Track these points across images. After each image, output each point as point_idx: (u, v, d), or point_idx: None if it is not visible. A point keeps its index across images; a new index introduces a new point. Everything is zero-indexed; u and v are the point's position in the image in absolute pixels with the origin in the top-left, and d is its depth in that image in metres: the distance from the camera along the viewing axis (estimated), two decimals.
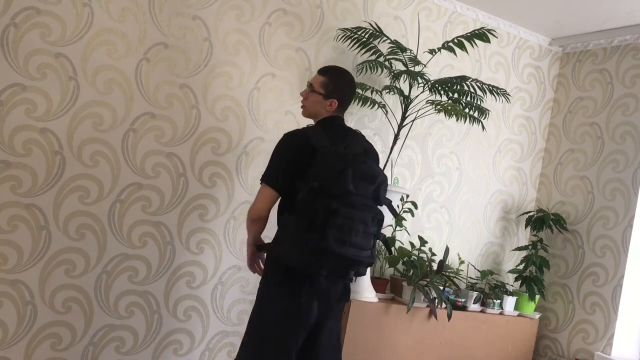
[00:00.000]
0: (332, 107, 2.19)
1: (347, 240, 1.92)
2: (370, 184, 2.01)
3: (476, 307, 3.21)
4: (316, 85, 2.19)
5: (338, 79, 2.21)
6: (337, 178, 1.93)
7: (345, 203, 1.93)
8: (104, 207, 2.57)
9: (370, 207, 2.02)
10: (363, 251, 1.99)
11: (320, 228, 1.89)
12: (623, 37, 3.45)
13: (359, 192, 1.96)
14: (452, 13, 3.45)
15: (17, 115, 2.38)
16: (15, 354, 2.43)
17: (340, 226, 1.91)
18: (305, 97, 2.24)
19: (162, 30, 2.65)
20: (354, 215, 1.94)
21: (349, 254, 1.93)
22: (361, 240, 1.97)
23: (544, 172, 3.85)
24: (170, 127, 2.69)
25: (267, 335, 2.04)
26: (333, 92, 2.18)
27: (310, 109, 2.23)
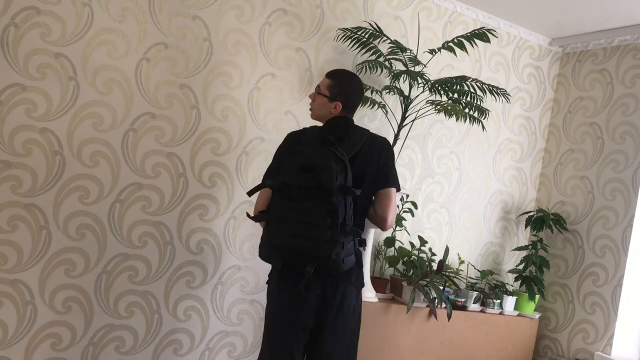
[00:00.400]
0: (337, 110, 2.21)
1: (289, 232, 1.96)
2: (307, 174, 1.96)
3: (476, 307, 3.22)
4: (322, 88, 2.24)
5: (343, 82, 2.24)
6: (281, 172, 2.02)
7: (285, 195, 1.99)
8: (104, 207, 2.57)
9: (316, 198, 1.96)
10: (316, 243, 1.95)
11: (269, 223, 2.02)
12: (623, 37, 3.45)
13: (300, 184, 1.96)
14: (452, 13, 3.45)
15: (17, 115, 2.38)
16: (15, 354, 2.43)
17: (281, 218, 1.98)
18: (313, 100, 2.29)
19: (162, 30, 2.65)
20: (293, 206, 1.97)
21: (294, 246, 1.96)
22: (309, 231, 1.94)
23: (544, 172, 3.85)
24: (170, 127, 2.69)
25: (266, 333, 2.17)
26: (338, 94, 2.21)
27: (317, 111, 2.28)
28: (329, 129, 2.19)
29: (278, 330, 2.12)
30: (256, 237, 2.91)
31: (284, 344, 2.10)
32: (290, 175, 1.98)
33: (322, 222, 1.95)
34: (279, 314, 2.12)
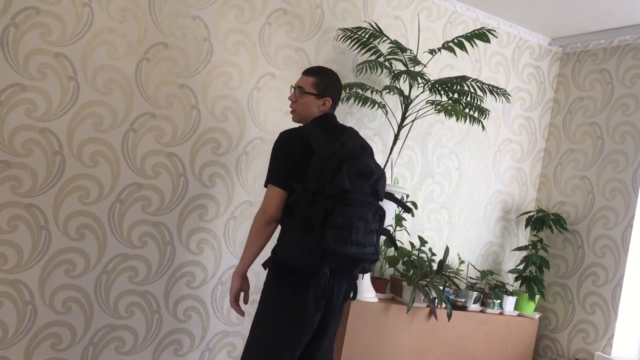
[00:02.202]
0: (326, 106, 2.19)
1: (348, 239, 1.91)
2: (367, 180, 1.99)
3: (476, 307, 3.21)
4: (307, 87, 2.18)
5: (327, 77, 2.22)
6: (333, 177, 1.92)
7: (342, 202, 1.92)
8: (104, 207, 2.57)
9: (370, 204, 2.01)
10: (366, 248, 1.98)
11: (319, 228, 1.89)
12: (623, 37, 3.45)
13: (356, 190, 1.95)
14: (452, 13, 3.45)
15: (17, 115, 2.38)
16: (15, 354, 2.43)
17: (339, 225, 1.90)
18: (295, 101, 2.22)
19: (162, 30, 2.65)
20: (353, 213, 1.93)
21: (351, 253, 1.92)
22: (363, 237, 1.96)
23: (544, 172, 3.85)
24: (170, 127, 2.69)
25: (273, 338, 2.04)
26: (325, 90, 2.18)
27: (303, 112, 2.21)
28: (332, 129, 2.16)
29: (288, 335, 2.05)
30: None
31: (291, 347, 2.05)
32: (350, 181, 1.93)
33: (374, 227, 2.00)
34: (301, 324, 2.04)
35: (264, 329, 2.06)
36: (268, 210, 2.03)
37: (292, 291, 2.02)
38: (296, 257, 1.96)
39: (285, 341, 2.03)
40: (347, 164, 1.94)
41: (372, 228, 2.00)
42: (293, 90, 2.24)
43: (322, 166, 1.94)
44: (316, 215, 1.90)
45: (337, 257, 1.92)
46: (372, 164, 2.03)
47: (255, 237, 2.06)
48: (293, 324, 2.03)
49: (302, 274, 1.98)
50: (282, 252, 2.02)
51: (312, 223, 1.91)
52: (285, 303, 2.03)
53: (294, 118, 2.27)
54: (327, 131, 2.11)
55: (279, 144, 2.09)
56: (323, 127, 2.13)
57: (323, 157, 1.97)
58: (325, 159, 1.96)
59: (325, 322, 2.12)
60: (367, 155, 2.12)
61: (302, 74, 2.25)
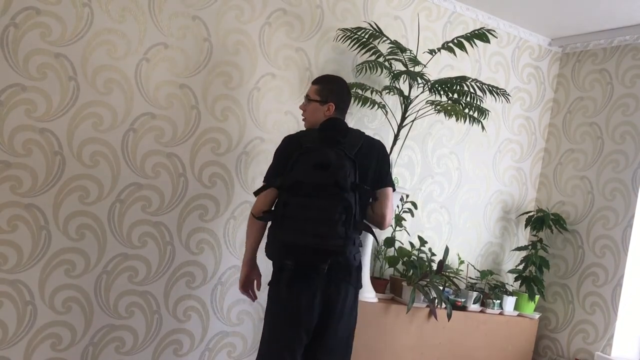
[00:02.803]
0: (330, 111, 2.28)
1: (304, 230, 1.96)
2: (324, 171, 1.99)
3: (476, 307, 3.22)
4: (312, 95, 2.32)
5: (330, 84, 2.33)
6: (290, 170, 2.02)
7: (296, 193, 1.99)
8: (104, 207, 2.57)
9: (332, 195, 1.99)
10: (329, 239, 1.98)
11: (280, 221, 2.01)
12: (623, 37, 3.45)
13: (313, 181, 1.98)
14: (452, 13, 3.45)
15: (17, 115, 2.38)
16: (15, 354, 2.43)
17: (294, 216, 1.98)
18: (304, 109, 2.36)
19: (162, 30, 2.66)
20: (308, 203, 1.97)
21: (309, 243, 1.97)
22: (323, 228, 1.97)
23: (543, 172, 3.85)
24: (170, 127, 2.69)
25: (267, 334, 2.15)
26: (328, 96, 2.29)
27: (311, 118, 2.33)
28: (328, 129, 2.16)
29: (284, 332, 2.11)
30: None
31: (288, 345, 2.10)
32: (305, 173, 1.99)
33: (337, 218, 1.99)
34: (286, 315, 2.10)
35: (265, 326, 2.18)
36: (255, 205, 2.17)
37: (275, 285, 2.13)
38: (269, 252, 2.11)
39: (282, 338, 2.10)
40: (304, 156, 2.01)
41: (335, 219, 1.98)
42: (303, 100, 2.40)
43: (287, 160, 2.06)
44: (279, 209, 2.03)
45: (296, 248, 1.99)
46: (331, 155, 2.02)
47: (247, 231, 2.25)
48: (286, 320, 2.11)
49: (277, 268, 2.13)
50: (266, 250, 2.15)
51: (277, 217, 2.03)
52: (278, 299, 2.13)
53: (306, 125, 2.38)
54: (329, 133, 2.13)
55: (278, 148, 2.24)
56: (327, 130, 2.15)
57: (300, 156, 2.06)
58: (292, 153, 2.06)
59: (324, 322, 2.12)
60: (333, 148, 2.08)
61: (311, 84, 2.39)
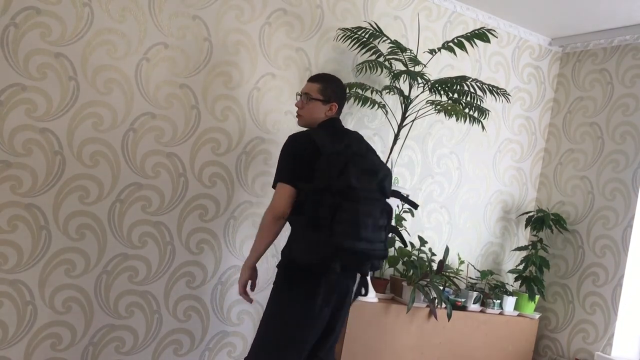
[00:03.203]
0: (333, 111, 2.27)
1: (356, 235, 1.96)
2: (373, 178, 2.05)
3: (476, 307, 3.21)
4: (313, 93, 2.26)
5: (333, 83, 2.30)
6: (339, 174, 1.97)
7: (348, 198, 1.97)
8: (104, 207, 2.57)
9: (377, 200, 2.06)
10: (374, 244, 2.03)
11: (328, 225, 1.94)
12: (623, 37, 3.45)
13: (363, 187, 2.00)
14: (452, 13, 3.45)
15: (17, 115, 2.38)
16: (15, 354, 2.43)
17: (347, 221, 1.95)
18: (302, 107, 2.28)
19: (162, 30, 2.65)
20: (359, 209, 1.98)
21: (359, 248, 1.97)
22: (371, 233, 2.01)
23: (544, 172, 3.85)
24: (170, 127, 2.69)
25: (282, 336, 2.07)
26: (331, 96, 2.27)
27: (308, 117, 2.28)
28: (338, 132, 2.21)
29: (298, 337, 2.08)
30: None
31: (301, 351, 2.10)
32: (357, 178, 1.99)
33: (381, 224, 2.06)
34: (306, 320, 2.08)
35: (273, 326, 2.09)
36: (277, 206, 2.08)
37: (302, 290, 2.06)
38: (308, 255, 2.00)
39: (293, 339, 2.07)
40: (353, 162, 2.00)
41: (380, 224, 2.06)
42: (299, 97, 2.31)
43: (329, 165, 2.00)
44: (325, 212, 1.95)
45: (346, 252, 1.96)
46: (377, 162, 2.12)
47: (263, 232, 2.13)
48: (301, 322, 2.07)
49: (310, 272, 2.03)
50: (294, 252, 2.05)
51: (321, 220, 1.96)
52: (294, 301, 2.06)
53: (300, 123, 2.33)
54: (333, 134, 2.16)
55: (287, 146, 2.16)
56: (330, 130, 2.20)
57: (330, 157, 2.03)
58: (332, 158, 2.02)
59: (334, 320, 2.17)
60: (373, 154, 2.21)
61: (308, 81, 2.32)
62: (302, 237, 2.02)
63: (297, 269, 2.06)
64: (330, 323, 2.16)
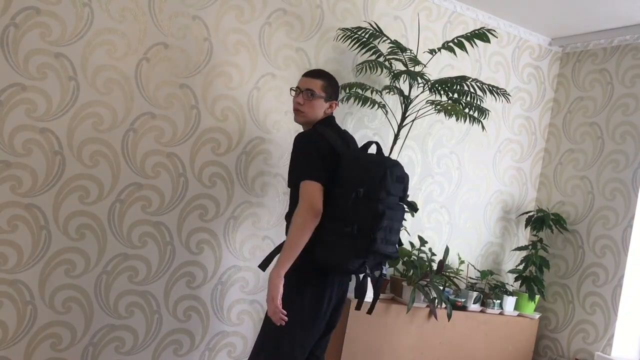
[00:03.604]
0: (332, 109, 2.26)
1: (389, 240, 2.03)
2: (401, 185, 2.09)
3: (476, 307, 3.21)
4: (317, 90, 2.20)
5: (333, 81, 2.29)
6: (380, 182, 1.99)
7: (388, 205, 2.01)
8: (104, 207, 2.57)
9: (401, 206, 2.12)
10: (394, 247, 2.10)
11: (368, 231, 1.97)
12: (623, 37, 3.45)
13: (396, 193, 2.06)
14: (452, 13, 3.45)
15: (17, 115, 2.38)
16: (15, 354, 2.43)
17: (385, 228, 2.00)
18: (303, 103, 2.21)
19: (162, 30, 2.65)
20: (393, 215, 2.03)
21: (388, 252, 2.04)
22: (395, 237, 2.08)
23: (544, 172, 3.85)
24: (170, 127, 2.69)
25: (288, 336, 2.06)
26: (332, 94, 2.25)
27: (310, 115, 2.21)
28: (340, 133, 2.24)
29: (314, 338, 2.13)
30: (256, 237, 2.91)
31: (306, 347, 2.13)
32: (392, 185, 2.03)
33: (400, 228, 2.12)
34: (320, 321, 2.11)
35: (280, 327, 2.05)
36: (315, 204, 2.01)
37: (313, 292, 2.08)
38: (335, 257, 2.00)
39: (299, 340, 2.08)
40: (390, 170, 2.03)
41: (399, 229, 2.12)
42: (298, 92, 2.23)
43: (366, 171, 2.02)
44: (366, 218, 1.97)
45: (376, 255, 2.02)
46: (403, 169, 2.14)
47: (304, 233, 2.01)
48: (309, 323, 2.09)
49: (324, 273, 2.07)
50: (319, 253, 2.02)
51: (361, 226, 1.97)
52: (303, 302, 2.07)
53: (300, 119, 2.26)
54: (338, 135, 2.18)
55: (306, 144, 2.10)
56: (334, 130, 2.21)
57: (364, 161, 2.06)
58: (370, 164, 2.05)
59: (334, 320, 2.22)
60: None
61: (308, 77, 2.25)
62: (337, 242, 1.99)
63: (311, 269, 2.05)
64: (329, 322, 2.20)
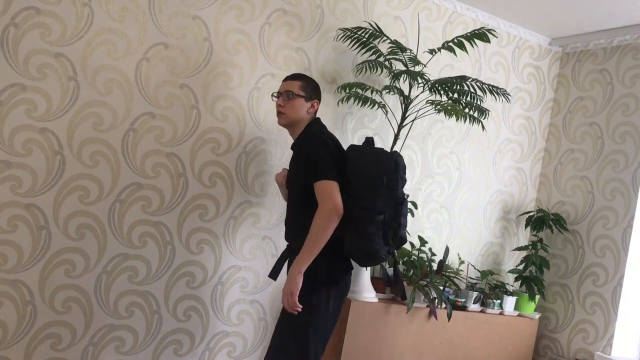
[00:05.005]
0: (314, 108, 2.33)
1: (406, 225, 2.23)
2: (405, 174, 2.25)
3: (476, 307, 3.21)
4: (295, 90, 2.27)
5: (312, 81, 2.36)
6: (395, 172, 2.14)
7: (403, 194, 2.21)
8: (104, 207, 2.57)
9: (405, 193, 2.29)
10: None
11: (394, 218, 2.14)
12: (623, 37, 3.45)
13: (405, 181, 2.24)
14: (452, 13, 3.45)
15: (17, 115, 2.38)
16: (15, 354, 2.43)
17: (404, 214, 2.19)
18: (283, 105, 2.28)
19: (162, 30, 2.65)
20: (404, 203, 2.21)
21: (405, 236, 2.22)
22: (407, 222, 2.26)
23: (544, 172, 3.85)
24: (170, 127, 2.69)
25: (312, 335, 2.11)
26: (312, 93, 2.31)
27: (293, 115, 2.28)
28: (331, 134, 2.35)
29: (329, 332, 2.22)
30: (256, 237, 2.91)
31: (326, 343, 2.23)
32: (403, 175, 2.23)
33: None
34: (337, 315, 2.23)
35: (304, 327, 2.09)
36: (338, 204, 2.08)
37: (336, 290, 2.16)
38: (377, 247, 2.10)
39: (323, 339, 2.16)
40: (397, 160, 2.17)
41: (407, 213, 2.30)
42: (278, 96, 2.32)
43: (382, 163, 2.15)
44: (390, 206, 2.12)
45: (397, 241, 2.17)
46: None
47: (326, 233, 2.07)
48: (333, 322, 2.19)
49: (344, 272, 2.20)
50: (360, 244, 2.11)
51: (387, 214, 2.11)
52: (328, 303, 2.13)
53: (282, 121, 2.34)
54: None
55: (318, 145, 2.17)
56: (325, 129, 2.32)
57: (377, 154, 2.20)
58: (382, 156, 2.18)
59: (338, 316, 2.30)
60: None
61: (286, 80, 2.36)
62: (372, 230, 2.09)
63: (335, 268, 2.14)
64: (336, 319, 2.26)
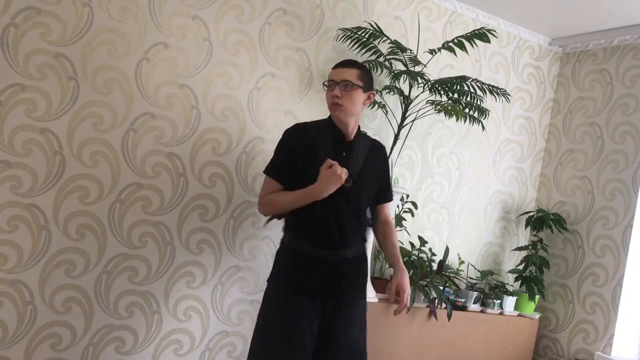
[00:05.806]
0: (371, 100, 2.09)
1: None
2: None
3: (476, 307, 3.22)
4: (353, 79, 1.99)
5: (367, 69, 2.10)
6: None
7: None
8: (104, 207, 2.57)
9: None
10: None
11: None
12: (623, 37, 3.45)
13: None
14: (452, 13, 3.45)
15: (17, 115, 2.38)
16: (15, 354, 2.43)
17: None
18: (341, 96, 2.00)
19: (162, 30, 2.65)
20: None
21: None
22: None
23: (544, 172, 3.85)
24: (170, 127, 2.69)
25: None
26: (369, 82, 2.06)
27: (351, 107, 2.01)
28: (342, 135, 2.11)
29: None
30: (256, 237, 2.91)
31: None
32: None
33: None
34: None
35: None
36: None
37: None
38: None
39: None
40: None
41: None
42: (333, 86, 2.02)
43: None
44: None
45: None
46: None
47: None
48: None
49: None
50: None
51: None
52: None
53: (340, 114, 2.04)
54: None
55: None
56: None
57: None
58: None
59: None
60: None
61: (341, 67, 2.04)
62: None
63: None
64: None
